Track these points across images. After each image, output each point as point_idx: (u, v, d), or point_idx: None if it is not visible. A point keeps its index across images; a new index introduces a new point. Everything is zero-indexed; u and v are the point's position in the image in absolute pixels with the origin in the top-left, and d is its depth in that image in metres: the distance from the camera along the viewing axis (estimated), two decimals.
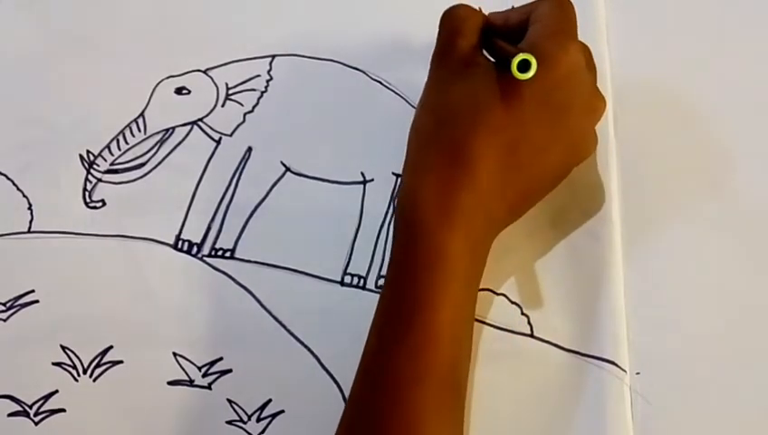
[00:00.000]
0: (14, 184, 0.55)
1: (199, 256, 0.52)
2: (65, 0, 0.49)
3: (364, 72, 0.55)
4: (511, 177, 0.46)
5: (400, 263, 0.45)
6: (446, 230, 0.44)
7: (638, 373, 0.48)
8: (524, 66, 0.43)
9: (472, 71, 0.47)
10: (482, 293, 0.50)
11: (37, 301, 0.52)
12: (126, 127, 0.56)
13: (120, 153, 0.55)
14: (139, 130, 0.56)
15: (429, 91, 0.48)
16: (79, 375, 0.50)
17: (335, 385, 0.49)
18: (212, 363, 0.50)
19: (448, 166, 0.45)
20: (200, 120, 0.55)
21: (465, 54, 0.47)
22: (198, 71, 0.56)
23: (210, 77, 0.56)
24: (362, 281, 0.51)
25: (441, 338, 0.43)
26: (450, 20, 0.48)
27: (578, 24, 0.47)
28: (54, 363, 0.51)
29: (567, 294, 0.50)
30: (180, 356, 0.50)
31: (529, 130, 0.46)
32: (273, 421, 0.49)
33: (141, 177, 0.55)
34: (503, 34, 0.48)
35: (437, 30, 0.49)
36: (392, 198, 0.53)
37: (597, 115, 0.50)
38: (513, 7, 0.50)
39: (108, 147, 0.55)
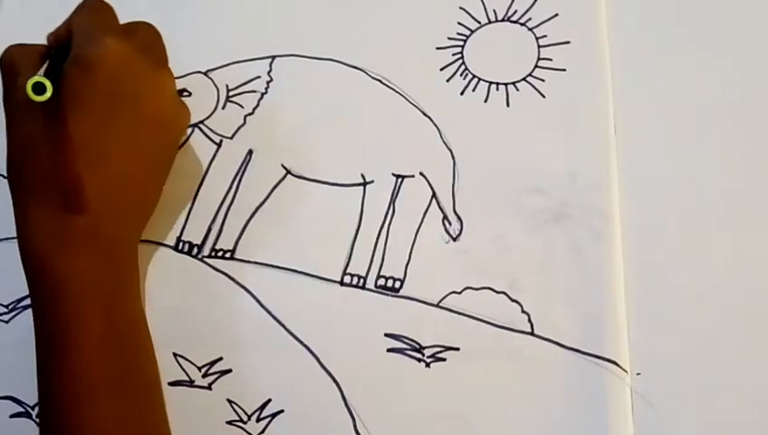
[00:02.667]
0: None
1: (199, 256, 0.52)
2: (66, 1, 0.49)
3: (364, 72, 0.55)
4: (114, 184, 0.47)
5: (34, 300, 0.46)
6: (61, 256, 0.45)
7: (638, 374, 0.48)
8: (41, 88, 0.43)
9: (32, 104, 0.45)
10: (482, 291, 0.50)
11: None
12: None
13: None
14: None
15: (8, 134, 0.47)
16: None
17: (334, 385, 0.49)
18: (212, 364, 0.50)
19: (45, 198, 0.46)
20: (201, 122, 0.55)
21: (20, 91, 0.45)
22: (199, 72, 0.56)
23: (210, 79, 0.56)
24: (362, 281, 0.51)
25: (95, 357, 0.44)
26: (4, 64, 0.47)
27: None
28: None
29: (568, 292, 0.50)
30: (180, 356, 0.50)
31: (106, 134, 0.46)
32: (273, 421, 0.49)
33: None
34: (64, 53, 0.47)
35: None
36: (392, 199, 0.53)
37: (167, 92, 0.50)
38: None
39: None
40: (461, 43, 0.56)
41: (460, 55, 0.55)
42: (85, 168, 0.45)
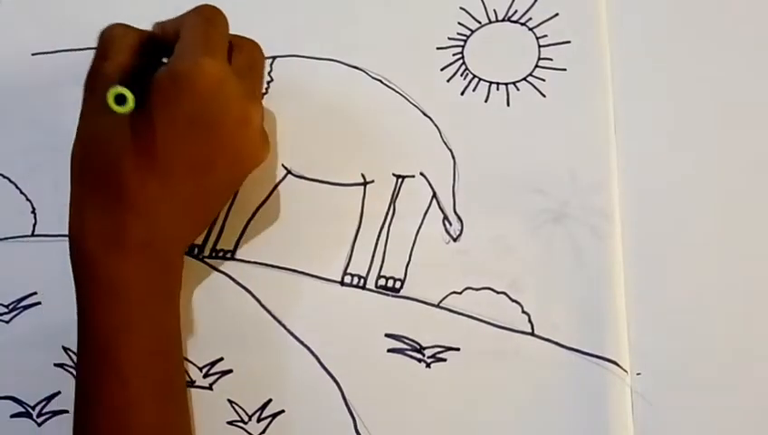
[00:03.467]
0: (17, 188, 0.55)
1: (200, 257, 0.52)
2: (67, 1, 0.49)
3: (364, 72, 0.55)
4: (177, 199, 0.46)
5: (81, 299, 0.46)
6: (116, 260, 0.45)
7: (638, 374, 0.48)
8: (123, 99, 0.43)
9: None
10: (482, 291, 0.50)
11: (39, 303, 0.52)
12: None
13: None
14: None
15: (81, 121, 0.47)
16: None
17: (335, 385, 0.49)
18: (213, 364, 0.50)
19: (107, 197, 0.45)
20: None
21: (111, 80, 0.45)
22: None
23: None
24: (362, 281, 0.51)
25: (144, 363, 0.45)
26: (99, 43, 0.47)
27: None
28: (57, 365, 0.51)
29: (568, 292, 0.50)
30: None
31: (181, 151, 0.46)
32: (274, 421, 0.49)
33: None
34: (167, 47, 0.47)
35: None
36: (392, 199, 0.53)
37: (252, 125, 0.48)
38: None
39: None
40: (461, 43, 0.56)
41: (460, 55, 0.55)
42: (151, 176, 0.45)
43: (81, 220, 0.46)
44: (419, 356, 0.50)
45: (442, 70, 0.55)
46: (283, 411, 0.49)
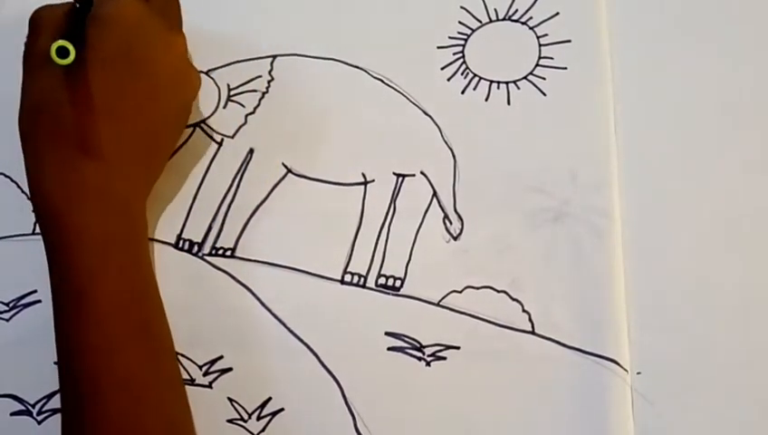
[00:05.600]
0: (18, 187, 0.55)
1: (200, 255, 0.52)
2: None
3: (365, 71, 0.55)
4: (127, 138, 0.48)
5: (49, 251, 0.47)
6: (77, 208, 0.46)
7: (639, 373, 0.48)
8: (65, 52, 0.45)
9: (52, 61, 0.47)
10: (482, 290, 0.50)
11: (40, 301, 0.52)
12: None
13: None
14: None
15: (22, 93, 0.49)
16: None
17: (335, 383, 0.49)
18: (212, 362, 0.50)
19: (59, 148, 0.47)
20: (202, 121, 0.56)
21: (42, 50, 0.47)
22: (200, 72, 0.56)
23: (212, 78, 0.56)
24: (362, 280, 0.51)
25: (116, 308, 0.46)
26: (30, 25, 0.49)
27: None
28: (56, 363, 0.51)
29: (568, 291, 0.50)
30: (181, 355, 0.50)
31: (119, 89, 0.47)
32: (274, 419, 0.49)
33: None
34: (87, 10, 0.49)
35: None
36: (393, 198, 0.53)
37: (177, 52, 0.51)
38: None
39: None
40: (462, 42, 0.56)
41: (461, 54, 0.55)
42: (100, 119, 0.47)
43: (38, 175, 0.47)
44: (419, 355, 0.50)
45: (443, 69, 0.55)
46: (282, 410, 0.49)
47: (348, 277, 0.51)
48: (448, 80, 0.55)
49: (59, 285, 0.46)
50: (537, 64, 0.54)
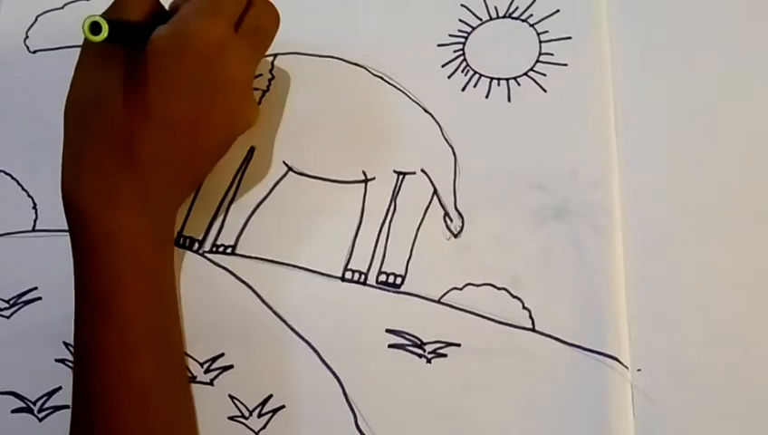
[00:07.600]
0: (19, 184, 0.55)
1: (201, 252, 0.53)
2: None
3: (365, 69, 0.55)
4: (171, 157, 0.47)
5: (77, 250, 0.47)
6: (109, 214, 0.46)
7: (639, 370, 0.48)
8: (98, 28, 0.43)
9: (117, 54, 0.46)
10: (483, 287, 0.50)
11: (40, 298, 0.52)
12: None
13: None
14: None
15: (76, 75, 0.48)
16: None
17: (336, 380, 0.49)
18: (213, 359, 0.50)
19: (103, 154, 0.46)
20: None
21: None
22: None
23: None
24: (363, 277, 0.51)
25: (141, 313, 0.46)
26: (114, 3, 0.48)
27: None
28: (57, 360, 0.51)
29: (569, 288, 0.50)
30: None
31: (176, 109, 0.47)
32: (275, 416, 0.49)
33: None
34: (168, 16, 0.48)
35: None
36: (393, 196, 0.53)
37: (248, 90, 0.50)
38: None
39: None
40: (462, 39, 0.56)
41: (461, 52, 0.55)
42: (150, 131, 0.46)
43: (75, 177, 0.47)
44: (420, 352, 0.50)
45: (443, 66, 0.55)
46: (283, 407, 0.49)
47: (348, 275, 0.51)
48: (449, 77, 0.55)
49: (84, 286, 0.46)
50: (537, 61, 0.55)
